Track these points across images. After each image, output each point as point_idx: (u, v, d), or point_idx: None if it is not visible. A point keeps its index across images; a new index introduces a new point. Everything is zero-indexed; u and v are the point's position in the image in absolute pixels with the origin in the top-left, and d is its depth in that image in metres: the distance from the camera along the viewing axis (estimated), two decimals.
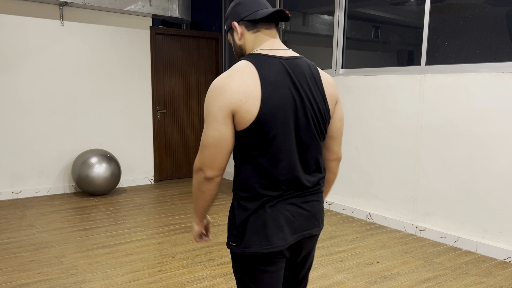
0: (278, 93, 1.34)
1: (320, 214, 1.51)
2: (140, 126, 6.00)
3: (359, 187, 4.62)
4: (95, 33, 5.53)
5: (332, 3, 4.80)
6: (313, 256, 1.62)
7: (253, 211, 1.39)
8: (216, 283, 2.97)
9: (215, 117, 1.32)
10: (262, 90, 1.32)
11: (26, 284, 2.92)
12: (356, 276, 3.11)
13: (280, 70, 1.36)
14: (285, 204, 1.41)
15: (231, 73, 1.34)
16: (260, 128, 1.33)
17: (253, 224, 1.39)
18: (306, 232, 1.46)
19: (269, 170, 1.37)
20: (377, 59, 4.47)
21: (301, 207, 1.44)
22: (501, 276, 3.17)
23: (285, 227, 1.40)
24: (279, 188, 1.39)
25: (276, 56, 1.39)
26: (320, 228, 1.52)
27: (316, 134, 1.43)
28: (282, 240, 1.39)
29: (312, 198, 1.47)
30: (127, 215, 4.57)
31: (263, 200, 1.39)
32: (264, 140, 1.35)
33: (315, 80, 1.43)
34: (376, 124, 4.38)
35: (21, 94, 5.14)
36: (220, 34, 6.51)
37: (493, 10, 3.50)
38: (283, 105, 1.34)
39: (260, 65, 1.35)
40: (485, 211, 3.58)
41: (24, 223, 4.24)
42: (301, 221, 1.44)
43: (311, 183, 1.45)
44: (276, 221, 1.39)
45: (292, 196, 1.42)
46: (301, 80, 1.39)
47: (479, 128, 3.57)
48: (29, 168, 5.28)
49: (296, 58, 1.42)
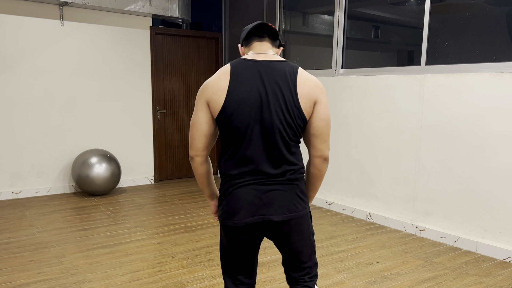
0: (243, 88, 1.60)
1: (283, 202, 1.65)
2: (140, 126, 6.00)
3: (359, 187, 4.62)
4: (95, 33, 5.53)
5: (332, 3, 4.80)
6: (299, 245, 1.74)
7: (224, 190, 1.70)
8: (216, 283, 2.97)
9: (196, 106, 1.68)
10: (229, 84, 1.60)
11: (26, 284, 2.92)
12: (356, 276, 3.11)
13: (252, 71, 1.62)
14: (247, 189, 1.65)
15: (215, 74, 1.67)
16: (225, 116, 1.61)
17: (224, 200, 1.70)
18: (266, 216, 1.65)
19: (235, 157, 1.65)
20: (377, 59, 4.47)
21: (261, 193, 1.64)
22: (501, 276, 3.17)
23: (244, 209, 1.64)
24: (244, 173, 1.65)
25: (253, 60, 1.65)
26: (286, 216, 1.65)
27: (281, 128, 1.62)
28: (239, 220, 1.65)
29: (275, 187, 1.65)
30: (127, 215, 4.57)
31: (230, 183, 1.67)
32: (229, 129, 1.62)
33: (288, 81, 1.63)
34: (376, 124, 4.38)
35: (21, 94, 5.14)
36: (220, 34, 6.51)
37: (493, 10, 3.50)
38: (247, 99, 1.59)
39: (235, 66, 1.64)
40: (485, 211, 3.58)
41: (24, 223, 4.24)
42: (261, 206, 1.64)
43: (275, 172, 1.65)
44: (237, 202, 1.65)
45: (254, 183, 1.64)
46: (271, 80, 1.62)
47: (479, 128, 3.57)
48: (29, 168, 5.28)
49: (273, 62, 1.66)
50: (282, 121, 1.62)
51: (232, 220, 1.67)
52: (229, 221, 1.68)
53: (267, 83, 1.61)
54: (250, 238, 1.72)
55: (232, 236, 1.72)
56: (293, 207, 1.67)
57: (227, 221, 1.68)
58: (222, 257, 1.83)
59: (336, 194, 4.89)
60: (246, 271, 1.81)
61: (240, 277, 1.80)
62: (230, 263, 1.79)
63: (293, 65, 1.69)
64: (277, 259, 3.41)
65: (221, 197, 1.73)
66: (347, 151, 4.70)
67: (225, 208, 1.69)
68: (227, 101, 1.60)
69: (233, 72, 1.62)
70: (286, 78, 1.63)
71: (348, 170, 4.71)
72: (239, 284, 1.81)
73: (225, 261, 1.81)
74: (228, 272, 1.82)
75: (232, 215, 1.67)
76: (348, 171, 4.72)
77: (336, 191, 4.89)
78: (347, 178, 4.74)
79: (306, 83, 1.65)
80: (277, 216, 1.65)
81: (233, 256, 1.77)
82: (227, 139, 1.66)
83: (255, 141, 1.62)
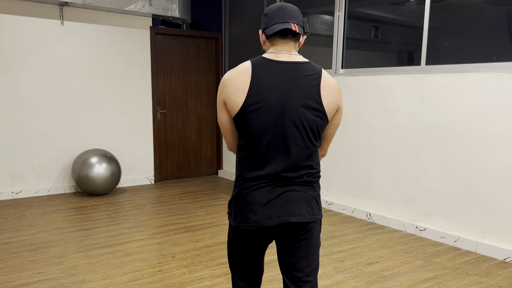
0: (264, 91, 1.55)
1: (300, 203, 1.62)
2: (140, 126, 6.00)
3: (359, 187, 4.62)
4: (95, 33, 5.53)
5: (332, 3, 4.80)
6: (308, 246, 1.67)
7: (238, 191, 1.65)
8: (216, 283, 2.97)
9: (218, 105, 1.65)
10: (250, 87, 1.55)
11: (26, 284, 2.92)
12: (356, 276, 3.11)
13: (274, 73, 1.57)
14: (263, 191, 1.60)
15: (233, 70, 1.61)
16: (244, 118, 1.57)
17: (237, 202, 1.65)
18: (283, 218, 1.60)
19: (251, 159, 1.61)
20: (377, 59, 4.47)
21: (277, 195, 1.60)
22: (501, 276, 3.17)
23: (259, 211, 1.60)
24: (260, 177, 1.60)
25: (276, 61, 1.59)
26: (305, 217, 1.62)
27: (303, 133, 1.58)
28: (255, 223, 1.61)
29: (291, 188, 1.61)
30: (127, 215, 4.57)
31: (246, 184, 1.62)
32: (246, 131, 1.58)
33: (312, 85, 1.58)
34: (376, 124, 4.38)
35: (21, 94, 5.14)
36: (220, 34, 6.51)
37: (493, 10, 3.50)
38: (268, 102, 1.55)
39: (257, 66, 1.58)
40: (485, 211, 3.58)
41: (24, 223, 4.24)
42: (277, 208, 1.60)
43: (293, 175, 1.61)
44: (253, 204, 1.60)
45: (270, 185, 1.60)
46: (293, 83, 1.57)
47: (479, 128, 3.57)
48: (29, 168, 5.28)
49: (297, 64, 1.60)
50: (304, 125, 1.58)
51: (247, 223, 1.62)
52: (244, 224, 1.63)
53: (289, 86, 1.56)
54: (262, 240, 1.69)
55: (244, 238, 1.68)
56: (310, 209, 1.64)
57: (242, 225, 1.63)
58: (230, 257, 1.81)
59: (336, 194, 4.89)
60: (254, 270, 1.80)
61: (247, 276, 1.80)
62: (238, 262, 1.78)
63: (316, 67, 1.63)
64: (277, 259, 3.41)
65: (234, 199, 1.68)
66: (347, 151, 4.70)
67: (240, 211, 1.64)
68: (246, 104, 1.55)
69: (254, 73, 1.56)
70: (309, 81, 1.58)
71: (348, 170, 4.71)
72: (246, 282, 1.81)
73: (233, 260, 1.80)
74: (236, 271, 1.81)
75: (247, 218, 1.62)
76: (348, 171, 4.72)
77: (336, 191, 4.89)
78: (347, 178, 4.74)
79: (330, 87, 1.62)
80: (295, 217, 1.61)
81: (242, 257, 1.75)
82: (244, 140, 1.62)
83: (274, 145, 1.58)
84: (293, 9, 1.62)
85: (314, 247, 1.70)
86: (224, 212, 4.72)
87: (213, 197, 5.39)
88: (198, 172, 6.66)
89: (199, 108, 6.53)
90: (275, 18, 1.62)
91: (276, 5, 1.64)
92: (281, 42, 1.63)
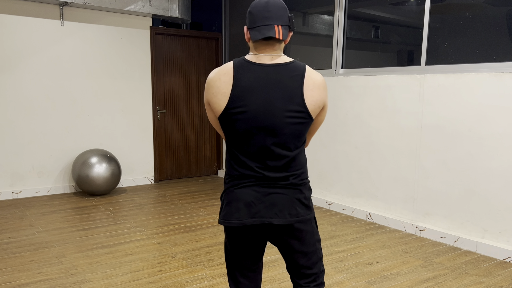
0: (246, 95, 1.56)
1: (284, 206, 1.62)
2: (140, 126, 6.00)
3: (359, 187, 4.62)
4: (95, 33, 5.53)
5: (332, 3, 4.80)
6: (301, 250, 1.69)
7: (225, 190, 1.68)
8: (216, 283, 2.97)
9: (205, 104, 1.71)
10: (232, 90, 1.56)
11: (26, 284, 2.92)
12: (356, 276, 3.11)
13: (256, 76, 1.57)
14: (248, 190, 1.62)
15: (216, 71, 1.62)
16: (227, 121, 1.60)
17: (225, 200, 1.68)
18: (265, 219, 1.62)
19: (237, 159, 1.63)
20: (377, 59, 4.47)
21: (263, 195, 1.62)
22: (501, 276, 3.17)
23: (243, 209, 1.62)
24: (246, 175, 1.62)
25: (257, 64, 1.59)
26: (286, 220, 1.62)
27: (286, 133, 1.58)
28: (237, 220, 1.62)
29: (277, 191, 1.62)
30: (127, 215, 4.57)
31: (232, 183, 1.66)
32: (231, 131, 1.61)
33: (294, 87, 1.57)
34: (376, 124, 4.38)
35: (21, 94, 5.14)
36: (220, 34, 6.51)
37: (493, 10, 3.50)
38: (250, 105, 1.56)
39: (238, 69, 1.58)
40: (485, 211, 3.58)
41: (24, 223, 4.24)
42: (261, 208, 1.62)
43: (278, 176, 1.62)
44: (237, 202, 1.63)
45: (255, 185, 1.62)
46: (275, 85, 1.57)
47: (479, 128, 3.57)
48: (29, 168, 5.28)
49: (279, 66, 1.59)
50: (287, 126, 1.58)
51: (229, 220, 1.63)
52: (226, 221, 1.64)
53: (271, 90, 1.56)
54: (250, 240, 1.69)
55: (232, 237, 1.70)
56: (294, 211, 1.63)
57: (225, 221, 1.65)
58: (227, 260, 1.81)
59: (336, 194, 4.89)
60: (249, 275, 1.78)
61: (242, 280, 1.78)
62: (232, 265, 1.78)
63: (300, 66, 1.61)
64: (277, 259, 3.42)
65: (222, 196, 1.71)
66: (347, 151, 4.70)
67: (225, 207, 1.67)
68: (228, 107, 1.57)
69: (236, 76, 1.57)
70: (292, 83, 1.57)
71: (348, 170, 4.71)
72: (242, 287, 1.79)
73: (228, 262, 1.80)
74: (231, 275, 1.80)
75: (230, 215, 1.64)
76: (348, 171, 4.71)
77: (336, 191, 4.89)
78: (347, 178, 4.74)
79: (314, 86, 1.60)
80: (277, 219, 1.61)
81: (235, 258, 1.75)
82: (230, 140, 1.64)
83: (258, 145, 1.59)
84: (278, 8, 1.58)
85: (309, 245, 1.70)
86: None
87: (213, 197, 5.39)
88: (198, 172, 6.66)
89: (199, 108, 6.53)
90: (259, 19, 1.58)
91: (261, 1, 1.60)
92: (263, 44, 1.62)
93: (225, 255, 1.81)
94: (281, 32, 1.58)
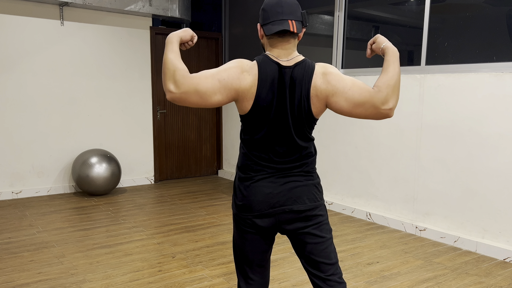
0: (270, 95, 1.62)
1: (302, 193, 1.68)
2: (140, 126, 6.00)
3: (359, 187, 4.62)
4: (95, 33, 5.53)
5: (332, 3, 4.80)
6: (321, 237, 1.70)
7: (241, 182, 1.72)
8: (216, 283, 2.97)
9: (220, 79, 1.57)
10: (257, 89, 1.61)
11: (26, 284, 2.92)
12: (356, 276, 3.11)
13: (277, 76, 1.62)
14: (265, 182, 1.68)
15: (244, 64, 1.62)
16: (251, 118, 1.65)
17: (240, 192, 1.71)
18: (286, 207, 1.67)
19: (254, 152, 1.69)
20: (377, 59, 4.47)
21: (279, 185, 1.67)
22: (501, 276, 3.17)
23: (263, 201, 1.66)
24: (260, 167, 1.68)
25: (278, 64, 1.63)
26: (307, 205, 1.67)
27: (293, 130, 1.66)
28: (258, 211, 1.67)
29: (293, 179, 1.68)
30: (127, 215, 4.57)
31: (247, 175, 1.70)
32: (252, 129, 1.67)
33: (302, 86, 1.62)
34: (376, 124, 4.38)
35: (21, 94, 5.14)
36: (220, 34, 6.51)
37: (493, 10, 3.50)
38: (268, 104, 1.63)
39: (262, 68, 1.62)
40: (485, 211, 3.58)
41: (24, 223, 4.24)
42: (280, 197, 1.67)
43: (291, 166, 1.68)
44: (256, 195, 1.67)
45: (271, 176, 1.68)
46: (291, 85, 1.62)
47: (479, 128, 3.57)
48: (29, 168, 5.28)
49: (295, 67, 1.62)
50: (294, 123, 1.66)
51: (251, 212, 1.68)
52: (247, 213, 1.69)
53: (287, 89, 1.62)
54: (266, 231, 1.72)
55: (248, 229, 1.72)
56: (312, 196, 1.69)
57: (245, 214, 1.69)
58: (235, 256, 1.84)
59: (336, 194, 4.89)
60: (259, 269, 1.81)
61: (252, 276, 1.81)
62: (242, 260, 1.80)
63: (310, 65, 1.64)
64: (277, 259, 3.42)
65: (237, 190, 1.73)
66: (347, 151, 4.70)
67: (243, 201, 1.69)
68: (254, 105, 1.63)
69: (261, 77, 1.61)
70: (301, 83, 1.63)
71: (348, 170, 4.71)
72: (252, 282, 1.82)
73: (239, 259, 1.82)
74: (241, 271, 1.83)
75: (250, 208, 1.68)
76: (348, 171, 4.72)
77: (336, 191, 4.89)
78: (347, 178, 4.74)
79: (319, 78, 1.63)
80: (298, 205, 1.66)
81: (246, 254, 1.78)
82: (247, 135, 1.69)
83: (270, 140, 1.66)
84: (291, 3, 1.62)
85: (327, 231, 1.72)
86: (224, 212, 4.72)
87: (213, 197, 5.39)
88: (198, 172, 6.66)
89: (199, 108, 6.53)
90: (273, 15, 1.61)
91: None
92: (279, 42, 1.65)
93: (234, 252, 1.84)
94: (295, 26, 1.61)
